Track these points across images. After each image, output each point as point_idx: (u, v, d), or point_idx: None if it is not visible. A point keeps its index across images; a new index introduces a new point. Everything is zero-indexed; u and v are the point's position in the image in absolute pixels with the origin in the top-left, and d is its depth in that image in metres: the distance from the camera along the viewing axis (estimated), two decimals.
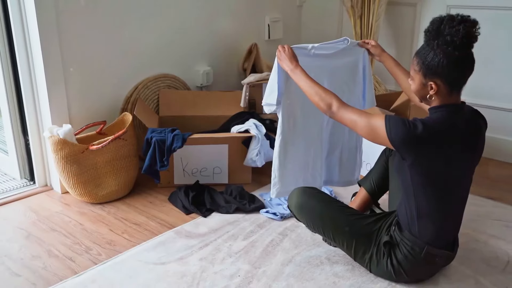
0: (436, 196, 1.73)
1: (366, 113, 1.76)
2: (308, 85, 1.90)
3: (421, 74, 1.67)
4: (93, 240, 2.22)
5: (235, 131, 2.70)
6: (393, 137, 1.66)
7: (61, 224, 2.36)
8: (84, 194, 2.52)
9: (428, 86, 1.66)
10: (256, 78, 3.03)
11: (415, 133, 1.62)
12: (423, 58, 1.64)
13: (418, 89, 1.72)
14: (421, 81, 1.68)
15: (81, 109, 2.70)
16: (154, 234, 2.27)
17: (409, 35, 3.44)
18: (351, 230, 1.90)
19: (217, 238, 2.24)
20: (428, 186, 1.72)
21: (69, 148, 2.43)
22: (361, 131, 1.75)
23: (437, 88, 1.64)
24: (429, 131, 1.63)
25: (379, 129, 1.69)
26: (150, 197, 2.65)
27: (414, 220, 1.78)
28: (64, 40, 2.54)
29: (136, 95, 2.90)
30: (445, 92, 1.66)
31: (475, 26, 1.58)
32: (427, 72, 1.64)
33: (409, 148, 1.66)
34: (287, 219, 2.40)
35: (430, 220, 1.76)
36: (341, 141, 2.35)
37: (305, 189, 2.04)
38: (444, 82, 1.64)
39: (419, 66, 1.66)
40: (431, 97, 1.68)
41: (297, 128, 2.17)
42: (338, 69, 2.18)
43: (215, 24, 3.31)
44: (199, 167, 2.72)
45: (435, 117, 1.68)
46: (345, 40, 2.14)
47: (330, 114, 1.83)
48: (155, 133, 2.59)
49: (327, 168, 2.38)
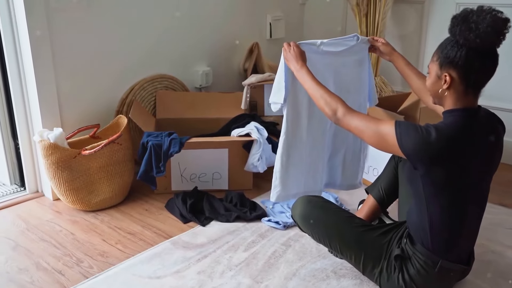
0: (451, 208, 1.61)
1: (373, 120, 1.65)
2: (314, 88, 1.80)
3: (437, 64, 1.55)
4: (84, 252, 2.10)
5: (236, 135, 2.59)
6: (404, 145, 1.54)
7: (52, 234, 2.24)
8: (76, 202, 2.40)
9: (442, 79, 1.54)
10: (257, 79, 2.93)
11: (428, 140, 1.50)
12: (443, 46, 1.53)
13: (432, 82, 1.59)
14: (435, 73, 1.56)
15: (74, 112, 2.59)
16: (150, 245, 2.15)
17: (417, 34, 3.33)
18: (359, 243, 1.79)
19: (216, 249, 2.11)
20: (442, 197, 1.59)
21: (60, 153, 2.31)
22: (369, 139, 1.64)
23: (451, 81, 1.51)
24: (443, 138, 1.51)
25: (388, 137, 1.57)
26: (146, 204, 2.53)
27: (427, 233, 1.65)
28: (55, 39, 2.42)
29: (132, 96, 2.79)
30: (459, 89, 1.53)
31: (506, 22, 1.46)
32: (444, 61, 1.52)
33: (421, 157, 1.53)
34: (290, 228, 2.28)
35: (445, 233, 1.64)
36: (345, 143, 2.22)
37: (310, 198, 1.92)
38: (460, 75, 1.50)
39: (437, 55, 1.55)
40: (443, 92, 1.55)
41: (301, 128, 2.06)
42: (345, 67, 2.07)
43: (215, 23, 3.21)
44: (197, 173, 2.60)
45: (449, 123, 1.56)
46: (355, 36, 2.02)
47: (335, 121, 1.73)
48: (151, 137, 2.48)
49: (329, 171, 2.25)
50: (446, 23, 1.54)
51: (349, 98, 1.88)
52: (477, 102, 1.58)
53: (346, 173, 2.29)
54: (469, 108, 1.56)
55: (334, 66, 2.03)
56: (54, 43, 2.42)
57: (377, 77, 3.27)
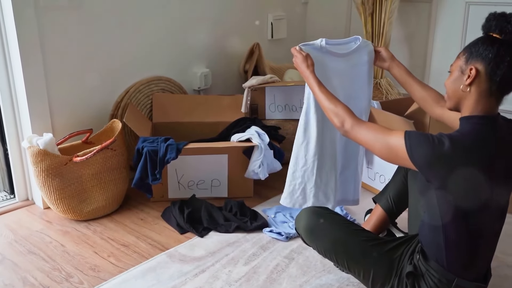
0: (468, 224, 1.49)
1: (382, 130, 1.54)
2: (321, 95, 1.72)
3: (463, 59, 1.46)
4: (75, 265, 1.98)
5: (236, 140, 2.47)
6: (416, 158, 1.43)
7: (41, 246, 2.12)
8: (68, 211, 2.28)
9: (466, 73, 1.43)
10: (258, 81, 2.82)
11: (441, 152, 1.38)
12: (473, 42, 1.45)
13: (453, 79, 1.48)
14: (460, 67, 1.46)
15: (66, 116, 2.47)
16: (144, 258, 2.03)
17: (424, 34, 3.21)
18: (368, 258, 1.67)
19: (215, 262, 1.99)
20: (458, 212, 1.47)
21: (50, 160, 2.19)
22: (379, 152, 1.54)
23: (476, 75, 1.41)
24: (459, 149, 1.39)
25: (398, 149, 1.46)
26: (141, 213, 2.41)
27: (442, 249, 1.53)
28: (45, 39, 2.31)
29: (127, 99, 2.68)
30: (482, 88, 1.41)
31: None
32: (472, 55, 1.43)
33: (435, 171, 1.41)
34: (293, 239, 2.16)
35: (461, 250, 1.53)
36: (356, 154, 2.09)
37: (315, 209, 1.80)
38: (486, 70, 1.40)
39: (464, 51, 1.47)
40: (465, 88, 1.43)
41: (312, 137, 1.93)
42: (349, 71, 1.96)
43: (214, 22, 3.12)
44: (195, 180, 2.48)
45: (466, 132, 1.44)
46: (356, 39, 1.92)
47: (343, 133, 1.65)
48: (146, 143, 2.36)
49: (342, 186, 2.12)
50: (455, 23, 1.46)
51: (353, 104, 1.80)
52: (498, 108, 1.46)
53: (358, 187, 2.17)
54: (489, 116, 1.45)
55: (339, 70, 1.92)
56: (44, 44, 2.31)
57: (383, 79, 3.15)
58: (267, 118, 2.91)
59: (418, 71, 3.31)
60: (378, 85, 3.12)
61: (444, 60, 1.54)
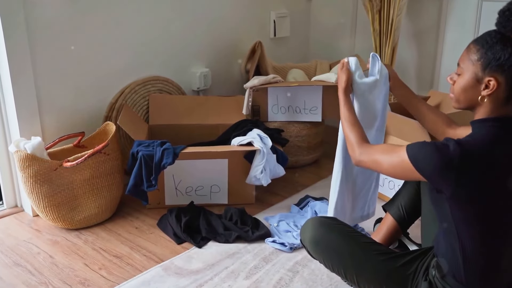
0: (485, 235, 1.38)
1: (387, 150, 1.48)
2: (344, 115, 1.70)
3: (479, 66, 1.33)
4: (63, 279, 1.84)
5: (236, 144, 2.34)
6: (422, 169, 1.34)
7: (28, 257, 1.99)
8: (58, 219, 2.14)
9: (483, 84, 1.32)
10: (260, 81, 2.69)
11: (447, 155, 1.28)
12: (489, 44, 1.31)
13: (466, 86, 1.36)
14: (475, 75, 1.34)
15: (57, 118, 2.35)
16: (138, 271, 1.89)
17: (434, 31, 3.08)
18: (380, 274, 1.56)
19: (214, 276, 1.86)
20: (474, 222, 1.36)
21: (39, 165, 2.06)
22: (387, 171, 1.48)
23: (497, 87, 1.30)
24: (468, 152, 1.28)
25: (403, 164, 1.38)
26: (136, 221, 2.27)
27: (460, 264, 1.41)
28: (34, 35, 2.18)
29: (122, 100, 2.55)
30: (500, 97, 1.32)
31: None
32: (490, 63, 1.30)
33: (444, 179, 1.30)
34: (297, 250, 2.03)
35: (481, 264, 1.40)
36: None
37: (322, 219, 1.68)
38: (509, 82, 1.30)
39: (479, 54, 1.33)
40: (483, 99, 1.33)
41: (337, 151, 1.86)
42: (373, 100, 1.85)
43: (214, 20, 3.00)
44: (194, 186, 2.35)
45: (479, 137, 1.34)
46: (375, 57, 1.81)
47: (355, 162, 1.61)
48: (141, 147, 2.22)
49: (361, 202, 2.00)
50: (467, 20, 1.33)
51: (372, 135, 1.80)
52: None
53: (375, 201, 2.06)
54: (505, 118, 1.34)
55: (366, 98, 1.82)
56: (33, 40, 2.18)
57: None
58: (269, 120, 2.78)
59: (427, 71, 3.18)
60: None
61: (455, 60, 1.42)
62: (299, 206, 2.37)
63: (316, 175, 2.79)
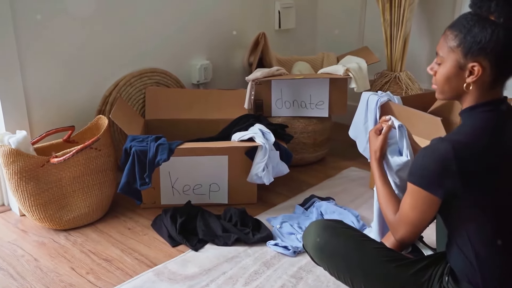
0: (496, 234, 1.29)
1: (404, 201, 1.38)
2: (383, 194, 1.55)
3: (460, 52, 1.26)
4: (46, 284, 1.71)
5: (237, 139, 2.21)
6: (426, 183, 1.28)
7: (11, 260, 1.85)
8: (45, 219, 2.01)
9: (467, 70, 1.26)
10: (263, 74, 2.56)
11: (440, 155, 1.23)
12: (467, 28, 1.24)
13: (449, 75, 1.29)
14: (457, 62, 1.27)
15: (46, 111, 2.24)
16: (128, 276, 1.76)
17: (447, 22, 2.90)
18: (391, 283, 1.43)
19: (210, 282, 1.72)
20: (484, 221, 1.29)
21: (24, 160, 1.93)
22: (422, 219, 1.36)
23: (482, 72, 1.23)
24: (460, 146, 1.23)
25: (418, 196, 1.30)
26: (129, 222, 2.14)
27: (474, 268, 1.32)
28: (20, 20, 2.06)
29: (117, 93, 2.43)
30: (487, 81, 1.25)
31: None
32: (471, 48, 1.23)
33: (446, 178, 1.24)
34: (301, 254, 1.89)
35: (496, 269, 1.31)
36: None
37: (326, 223, 1.55)
38: (492, 64, 1.22)
39: (458, 40, 1.25)
40: (468, 87, 1.27)
41: None
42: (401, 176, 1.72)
43: (216, 10, 2.88)
44: (191, 184, 2.22)
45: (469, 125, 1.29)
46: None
47: (397, 240, 1.47)
48: (135, 142, 2.09)
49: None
50: None
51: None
52: (502, 91, 1.31)
53: None
54: (494, 100, 1.28)
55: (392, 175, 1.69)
56: (18, 26, 2.06)
57: (403, 72, 2.87)
58: (273, 115, 2.66)
59: None
60: (397, 79, 2.84)
61: None
62: (304, 207, 2.24)
63: (323, 174, 2.65)
